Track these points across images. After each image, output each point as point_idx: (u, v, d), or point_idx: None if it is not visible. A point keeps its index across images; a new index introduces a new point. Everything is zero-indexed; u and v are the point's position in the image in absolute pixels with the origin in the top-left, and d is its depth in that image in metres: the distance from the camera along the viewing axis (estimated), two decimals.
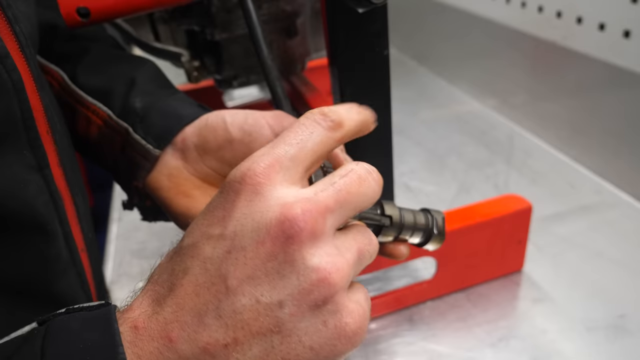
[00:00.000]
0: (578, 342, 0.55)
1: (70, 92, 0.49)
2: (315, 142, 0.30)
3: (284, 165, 0.28)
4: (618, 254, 0.66)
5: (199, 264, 0.27)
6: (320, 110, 0.31)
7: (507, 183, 0.83)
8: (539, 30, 0.88)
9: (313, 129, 0.30)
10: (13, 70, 0.36)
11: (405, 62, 1.37)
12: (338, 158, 0.40)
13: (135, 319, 0.27)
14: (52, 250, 0.40)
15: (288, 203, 0.27)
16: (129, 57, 0.53)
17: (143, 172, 0.45)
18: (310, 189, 0.28)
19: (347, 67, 0.45)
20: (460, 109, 1.10)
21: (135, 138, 0.45)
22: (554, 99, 0.89)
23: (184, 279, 0.27)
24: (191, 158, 0.44)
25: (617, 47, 0.73)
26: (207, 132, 0.43)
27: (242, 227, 0.27)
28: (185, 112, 0.45)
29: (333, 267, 0.27)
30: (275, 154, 0.28)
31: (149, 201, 0.49)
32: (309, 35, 0.70)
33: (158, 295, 0.28)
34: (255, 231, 0.26)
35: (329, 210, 0.28)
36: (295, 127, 0.30)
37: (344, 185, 0.29)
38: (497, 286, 0.62)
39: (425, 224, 0.41)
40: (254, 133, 0.41)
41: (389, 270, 0.65)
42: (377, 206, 0.39)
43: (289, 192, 0.28)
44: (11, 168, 0.36)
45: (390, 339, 0.57)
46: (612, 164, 0.80)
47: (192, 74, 0.66)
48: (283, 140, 0.29)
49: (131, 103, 0.46)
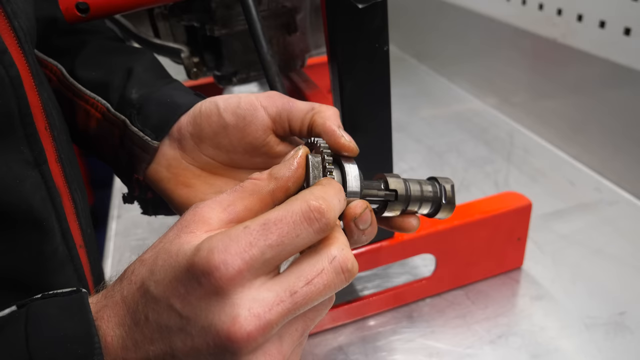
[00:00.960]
0: (577, 340, 0.55)
1: (69, 86, 0.49)
2: (297, 246, 0.29)
3: (254, 268, 0.28)
4: (618, 252, 0.66)
5: (157, 324, 0.29)
6: (318, 208, 0.29)
7: (507, 180, 0.83)
8: (539, 28, 0.88)
9: (301, 232, 0.29)
10: (11, 66, 0.36)
11: (405, 60, 1.36)
12: (334, 135, 0.38)
13: (104, 332, 0.30)
14: (48, 247, 0.40)
15: (238, 322, 0.27)
16: (126, 49, 0.53)
17: (143, 164, 0.44)
18: (268, 299, 0.28)
19: (347, 63, 0.45)
20: (460, 106, 1.10)
21: (133, 130, 0.44)
22: (554, 97, 0.89)
23: (145, 325, 0.29)
24: (188, 147, 0.43)
25: (617, 44, 0.73)
26: (201, 120, 0.42)
27: (196, 317, 0.28)
28: (181, 101, 0.44)
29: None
30: (249, 256, 0.28)
31: (149, 193, 0.49)
32: (309, 32, 0.70)
33: (124, 320, 0.30)
34: (204, 329, 0.28)
35: (279, 323, 0.29)
36: (284, 222, 0.29)
37: (305, 295, 0.29)
38: (497, 283, 0.62)
39: (433, 194, 0.40)
40: (248, 116, 0.41)
41: (388, 267, 0.65)
42: (381, 181, 0.38)
43: (245, 300, 0.28)
44: (8, 164, 0.36)
45: (390, 336, 0.57)
46: (612, 161, 0.80)
47: (191, 70, 0.66)
48: (264, 235, 0.28)
49: (128, 94, 0.46)
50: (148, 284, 0.29)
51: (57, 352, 0.28)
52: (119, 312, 0.30)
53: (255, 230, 0.28)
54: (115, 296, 0.30)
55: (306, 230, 0.29)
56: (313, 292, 0.29)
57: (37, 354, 0.28)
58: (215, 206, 0.31)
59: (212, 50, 0.67)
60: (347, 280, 0.30)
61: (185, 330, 0.28)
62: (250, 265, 0.28)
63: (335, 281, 0.29)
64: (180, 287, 0.28)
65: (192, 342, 0.28)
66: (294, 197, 0.30)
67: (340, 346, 0.56)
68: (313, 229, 0.29)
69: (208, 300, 0.28)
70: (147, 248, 0.32)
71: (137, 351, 0.29)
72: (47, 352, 0.28)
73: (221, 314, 0.27)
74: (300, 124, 0.40)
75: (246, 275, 0.28)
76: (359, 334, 0.57)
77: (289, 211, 0.29)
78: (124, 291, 0.30)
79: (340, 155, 0.37)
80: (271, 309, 0.28)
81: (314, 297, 0.29)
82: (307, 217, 0.29)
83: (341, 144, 0.37)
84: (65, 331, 0.29)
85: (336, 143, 0.37)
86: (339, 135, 0.38)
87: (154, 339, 0.29)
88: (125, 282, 0.31)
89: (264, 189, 0.33)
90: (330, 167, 0.34)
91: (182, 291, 0.28)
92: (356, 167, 0.36)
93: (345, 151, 0.37)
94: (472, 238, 0.59)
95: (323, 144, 0.36)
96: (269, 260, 0.28)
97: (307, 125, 0.39)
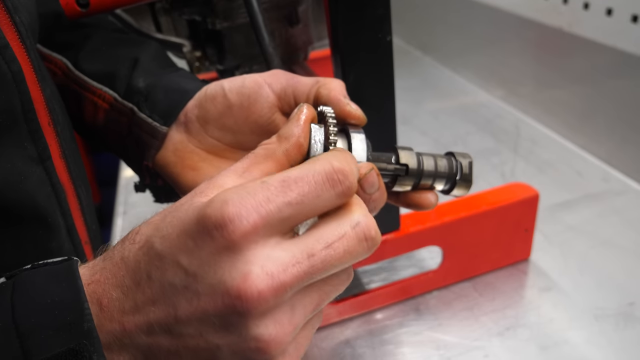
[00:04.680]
0: (587, 331, 0.54)
1: (75, 79, 0.48)
2: (317, 207, 0.27)
3: (270, 225, 0.26)
4: (626, 242, 0.65)
5: (160, 283, 0.27)
6: (341, 170, 0.28)
7: (514, 172, 0.83)
8: (545, 17, 0.87)
9: (322, 193, 0.27)
10: (13, 61, 0.35)
11: (410, 52, 1.36)
12: (340, 103, 0.37)
13: (100, 295, 0.28)
14: (54, 243, 0.40)
15: (250, 279, 0.25)
16: (130, 39, 0.53)
17: (152, 150, 0.44)
18: (283, 259, 0.26)
19: (349, 53, 0.44)
20: (466, 98, 1.09)
21: (142, 117, 0.44)
22: (561, 87, 0.88)
23: (147, 284, 0.27)
24: (194, 130, 0.43)
25: (625, 32, 0.72)
26: (206, 102, 0.42)
27: (203, 274, 0.26)
28: (188, 86, 0.44)
29: (274, 340, 0.27)
30: (266, 211, 0.26)
31: (160, 180, 0.49)
32: (311, 23, 0.70)
33: (123, 281, 0.28)
34: (212, 287, 0.26)
35: (293, 287, 0.27)
36: (305, 181, 0.27)
37: (324, 259, 0.27)
38: (504, 275, 0.62)
39: (448, 170, 0.38)
40: (253, 95, 0.40)
41: (394, 260, 0.65)
42: (392, 154, 0.37)
43: (259, 257, 0.26)
44: (12, 160, 0.36)
45: (397, 329, 0.57)
46: (619, 151, 0.79)
47: (193, 65, 0.66)
48: (283, 192, 0.26)
49: (135, 83, 0.46)
50: (153, 240, 0.27)
51: (43, 320, 0.26)
52: (118, 272, 0.28)
53: (274, 186, 0.27)
54: (115, 257, 0.29)
55: (328, 192, 0.27)
56: (332, 257, 0.27)
57: (23, 323, 0.26)
58: (230, 174, 0.30)
59: (214, 44, 0.67)
60: (369, 249, 0.28)
61: (191, 289, 0.26)
62: (267, 221, 0.26)
63: (357, 248, 0.28)
64: (188, 241, 0.26)
65: (197, 302, 0.26)
66: (315, 158, 0.29)
67: (347, 340, 0.56)
68: (335, 191, 0.28)
69: (218, 256, 0.26)
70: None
71: (136, 314, 0.27)
72: (34, 320, 0.26)
73: (232, 270, 0.26)
74: (305, 99, 0.39)
75: (261, 231, 0.26)
76: (366, 327, 0.57)
77: (310, 170, 0.27)
78: (125, 251, 0.28)
79: (348, 124, 0.36)
80: (286, 269, 0.26)
81: (333, 262, 0.27)
82: (330, 178, 0.27)
83: (347, 111, 0.36)
84: (52, 297, 0.27)
85: (342, 111, 0.36)
86: (345, 103, 0.36)
87: (156, 299, 0.27)
88: (127, 243, 0.29)
89: (277, 150, 0.31)
90: (334, 134, 0.33)
91: (190, 245, 0.26)
92: (364, 136, 0.35)
93: (352, 119, 0.36)
94: (479, 230, 0.58)
95: (329, 111, 0.34)
96: (287, 219, 0.27)
97: (312, 99, 0.39)
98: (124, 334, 0.27)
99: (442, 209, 0.57)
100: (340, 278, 0.30)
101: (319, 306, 0.29)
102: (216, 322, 0.26)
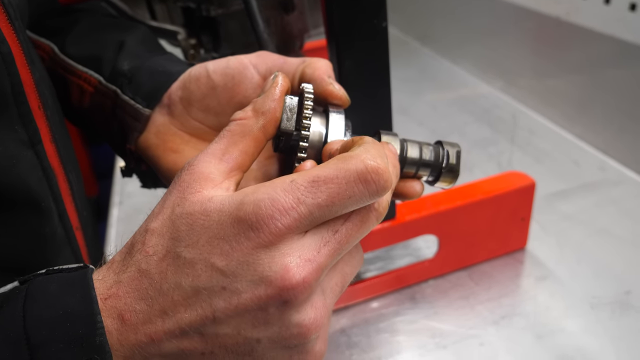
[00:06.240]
0: (583, 320, 0.54)
1: (61, 63, 0.48)
2: (349, 207, 0.28)
3: (303, 225, 0.27)
4: (622, 231, 0.65)
5: (192, 289, 0.28)
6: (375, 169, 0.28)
7: (511, 161, 0.82)
8: (543, 6, 0.86)
9: (354, 193, 0.28)
10: (2, 42, 0.35)
11: (408, 42, 1.35)
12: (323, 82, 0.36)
13: (121, 310, 0.28)
14: (47, 228, 0.39)
15: (292, 269, 0.27)
16: (119, 24, 0.52)
17: (135, 133, 0.44)
18: (315, 243, 0.28)
19: (345, 39, 0.44)
20: (464, 88, 1.08)
21: (124, 99, 0.44)
22: (558, 76, 0.88)
23: (175, 292, 0.28)
24: (177, 112, 0.43)
25: (623, 21, 0.72)
26: (190, 84, 0.42)
27: (243, 272, 0.27)
28: (174, 69, 0.44)
29: (314, 324, 0.29)
30: (298, 214, 0.27)
31: (144, 165, 0.48)
32: (307, 11, 0.69)
33: (147, 293, 0.28)
34: (253, 282, 0.27)
35: (327, 266, 0.28)
36: (335, 182, 0.27)
37: (346, 232, 0.29)
38: (500, 264, 0.62)
39: (434, 159, 0.37)
40: (237, 76, 0.40)
41: (391, 249, 0.64)
42: (375, 137, 0.36)
43: (295, 248, 0.27)
44: (3, 144, 0.36)
45: (392, 317, 0.56)
46: (616, 141, 0.79)
47: (188, 52, 0.65)
48: (313, 192, 0.27)
49: (120, 66, 0.45)
50: (177, 250, 0.28)
51: (55, 332, 0.26)
52: (139, 285, 0.28)
53: (303, 187, 0.27)
54: (130, 271, 0.28)
55: (360, 192, 0.28)
56: (352, 229, 0.29)
57: (35, 335, 0.26)
58: (210, 159, 0.30)
59: (209, 32, 0.66)
60: (379, 217, 0.30)
61: (229, 288, 0.27)
62: (299, 222, 0.27)
63: (369, 217, 0.30)
64: (223, 245, 0.27)
65: (237, 300, 0.27)
66: (347, 155, 0.29)
67: (342, 328, 0.56)
68: (369, 191, 0.28)
69: (256, 254, 0.27)
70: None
71: (166, 321, 0.27)
72: (45, 333, 0.26)
73: (272, 264, 0.27)
74: (292, 79, 0.38)
75: (294, 230, 0.27)
76: (362, 316, 0.57)
77: (341, 170, 0.28)
78: (142, 264, 0.28)
79: (330, 104, 0.35)
80: (319, 251, 0.28)
81: (353, 234, 0.29)
82: (362, 179, 0.28)
83: (329, 90, 0.36)
84: (65, 309, 0.27)
85: (324, 90, 0.36)
86: (327, 83, 0.36)
87: (189, 304, 0.27)
88: (140, 256, 0.29)
89: (253, 127, 0.32)
90: (310, 109, 0.32)
91: (226, 248, 0.27)
92: (343, 117, 0.34)
93: (334, 99, 0.36)
94: (475, 218, 0.58)
95: (308, 88, 0.33)
96: (317, 219, 0.28)
97: (297, 79, 0.38)
98: (151, 344, 0.28)
99: (438, 198, 0.57)
100: (356, 259, 0.32)
101: (343, 288, 0.32)
102: (257, 316, 0.28)
